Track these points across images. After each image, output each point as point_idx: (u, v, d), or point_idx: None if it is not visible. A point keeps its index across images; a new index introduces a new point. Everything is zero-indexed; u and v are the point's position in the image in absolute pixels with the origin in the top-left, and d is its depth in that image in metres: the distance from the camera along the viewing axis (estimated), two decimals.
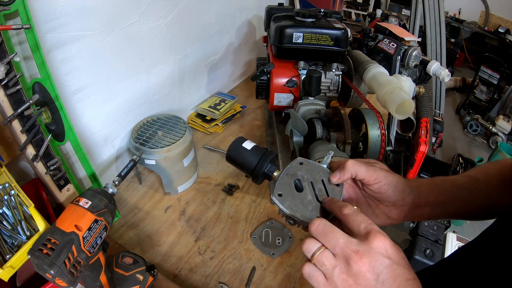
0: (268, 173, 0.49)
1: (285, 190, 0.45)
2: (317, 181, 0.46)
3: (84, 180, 0.95)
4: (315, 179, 0.46)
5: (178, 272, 0.83)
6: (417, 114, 1.18)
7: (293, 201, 0.44)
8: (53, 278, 0.51)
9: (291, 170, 0.47)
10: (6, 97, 0.65)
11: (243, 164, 0.51)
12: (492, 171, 0.52)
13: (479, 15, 3.40)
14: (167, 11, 1.07)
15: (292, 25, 1.03)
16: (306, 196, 0.44)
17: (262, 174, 0.50)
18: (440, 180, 0.51)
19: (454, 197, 0.50)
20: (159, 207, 1.01)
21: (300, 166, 0.47)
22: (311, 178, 0.46)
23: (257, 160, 0.50)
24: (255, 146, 0.52)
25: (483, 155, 1.87)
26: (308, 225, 0.42)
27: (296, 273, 0.83)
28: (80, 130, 0.91)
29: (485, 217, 0.51)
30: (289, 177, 0.46)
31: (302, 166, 0.47)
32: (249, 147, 0.51)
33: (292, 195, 0.44)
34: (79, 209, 0.57)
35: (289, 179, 0.46)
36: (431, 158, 1.38)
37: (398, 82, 0.83)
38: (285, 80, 1.09)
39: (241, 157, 0.51)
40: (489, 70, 2.23)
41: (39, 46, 0.69)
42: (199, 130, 1.34)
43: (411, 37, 1.02)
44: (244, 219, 0.97)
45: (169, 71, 1.19)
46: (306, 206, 0.43)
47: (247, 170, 0.51)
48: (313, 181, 0.46)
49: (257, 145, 0.52)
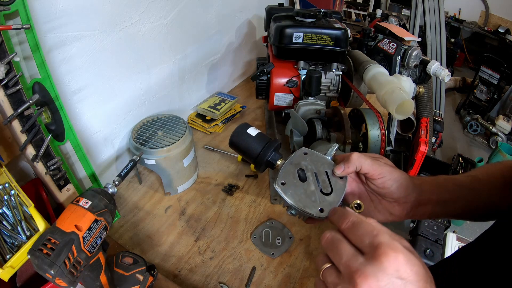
0: (271, 161, 0.48)
1: (288, 179, 0.44)
2: (321, 172, 0.45)
3: (84, 180, 0.95)
4: (319, 170, 0.45)
5: (178, 272, 0.83)
6: (417, 114, 1.18)
7: (296, 190, 0.43)
8: (53, 278, 0.51)
9: (295, 159, 0.46)
10: (6, 97, 0.65)
11: (247, 150, 0.50)
12: (494, 172, 0.51)
13: (479, 15, 3.40)
14: (167, 11, 1.07)
15: (292, 25, 1.03)
16: (309, 187, 0.44)
17: (265, 162, 0.49)
18: (442, 179, 0.51)
19: (456, 196, 0.49)
20: (159, 207, 1.01)
21: (304, 156, 0.47)
22: (315, 169, 0.45)
23: (261, 147, 0.49)
24: (260, 133, 0.51)
25: (483, 155, 1.87)
26: (308, 216, 0.42)
27: (296, 273, 0.83)
28: (80, 130, 0.91)
29: (486, 218, 0.51)
30: (293, 166, 0.45)
31: (307, 156, 0.47)
32: (254, 133, 0.50)
33: (295, 185, 0.44)
34: (79, 209, 0.57)
35: (293, 168, 0.45)
36: (431, 158, 1.38)
37: (398, 82, 0.83)
38: (285, 80, 1.09)
39: (245, 142, 0.50)
40: (489, 70, 2.23)
41: (39, 46, 0.69)
42: (199, 130, 1.34)
43: (411, 37, 1.02)
44: (244, 219, 0.97)
45: (169, 71, 1.19)
46: (309, 196, 0.43)
47: (250, 156, 0.50)
48: (317, 172, 0.45)
49: (262, 132, 0.51)
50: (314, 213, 0.41)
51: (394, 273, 0.29)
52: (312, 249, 0.89)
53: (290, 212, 0.43)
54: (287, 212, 0.43)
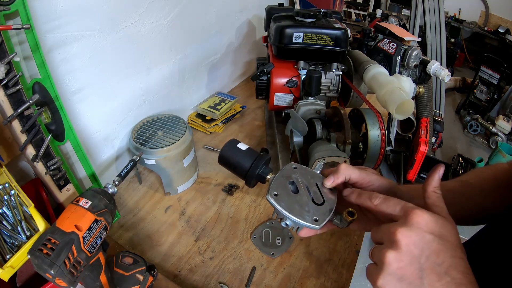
0: (262, 174, 0.49)
1: (280, 190, 0.45)
2: (311, 184, 0.46)
3: (84, 180, 0.95)
4: (310, 182, 0.46)
5: (178, 272, 0.83)
6: (417, 114, 1.18)
7: (289, 201, 0.44)
8: (53, 278, 0.51)
9: (286, 172, 0.47)
10: (6, 97, 0.65)
11: (237, 165, 0.50)
12: (486, 176, 0.51)
13: (479, 15, 3.40)
14: (167, 11, 1.07)
15: (292, 25, 1.03)
16: (301, 198, 0.44)
17: (256, 176, 0.49)
18: None
19: (445, 201, 0.49)
20: (159, 207, 1.01)
21: (294, 170, 0.48)
22: (305, 181, 0.46)
23: (252, 161, 0.49)
24: (250, 148, 0.51)
25: (483, 155, 1.86)
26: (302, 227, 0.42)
27: (296, 273, 0.83)
28: (80, 130, 0.91)
29: (478, 222, 0.51)
30: (284, 179, 0.46)
31: (296, 170, 0.48)
32: (244, 148, 0.51)
33: (288, 196, 0.44)
34: (79, 209, 0.57)
35: (284, 180, 0.46)
36: (431, 158, 1.38)
37: (398, 82, 0.83)
38: (285, 80, 1.09)
39: (235, 157, 0.50)
40: (489, 70, 2.22)
41: (39, 46, 0.69)
42: (199, 130, 1.34)
43: (411, 37, 1.02)
44: (244, 219, 0.97)
45: (169, 71, 1.19)
46: (302, 207, 0.43)
47: (240, 171, 0.50)
48: (308, 184, 0.46)
49: (251, 148, 0.52)
50: (309, 222, 0.42)
51: (424, 228, 0.33)
52: (312, 249, 0.89)
53: (284, 223, 0.43)
54: (280, 223, 0.44)
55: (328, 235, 0.92)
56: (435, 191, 0.37)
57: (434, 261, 0.32)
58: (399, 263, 0.33)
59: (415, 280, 0.32)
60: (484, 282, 0.38)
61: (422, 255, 0.32)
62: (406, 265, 0.32)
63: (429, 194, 0.37)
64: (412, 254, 0.32)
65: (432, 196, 0.37)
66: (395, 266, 0.33)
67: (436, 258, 0.32)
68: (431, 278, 0.32)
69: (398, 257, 0.33)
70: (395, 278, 0.33)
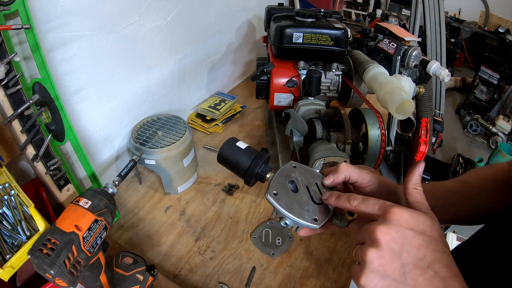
0: (261, 173, 0.49)
1: (279, 189, 0.44)
2: (311, 183, 0.45)
3: (84, 180, 0.95)
4: (309, 181, 0.46)
5: (178, 272, 0.83)
6: (417, 114, 1.18)
7: (288, 200, 0.43)
8: (53, 278, 0.51)
9: (285, 171, 0.47)
10: (6, 97, 0.65)
11: (236, 163, 0.49)
12: (485, 176, 0.51)
13: (479, 15, 3.40)
14: (167, 11, 1.07)
15: (292, 25, 1.03)
16: (301, 197, 0.44)
17: (255, 175, 0.49)
18: (429, 186, 0.51)
19: (445, 202, 0.49)
20: (159, 207, 1.01)
21: (293, 169, 0.47)
22: (305, 180, 0.46)
23: (251, 160, 0.49)
24: (249, 147, 0.51)
25: (483, 155, 1.87)
26: (302, 227, 0.42)
27: (296, 273, 0.83)
28: (80, 130, 0.91)
29: (477, 222, 0.51)
30: (284, 178, 0.46)
31: (296, 169, 0.47)
32: (243, 146, 0.51)
33: (287, 195, 0.44)
34: (79, 209, 0.57)
35: (284, 179, 0.46)
36: (431, 158, 1.38)
37: (398, 82, 0.83)
38: (285, 80, 1.09)
39: (234, 156, 0.50)
40: (489, 70, 2.23)
41: (39, 46, 0.69)
42: (199, 130, 1.34)
43: (411, 37, 1.02)
44: (244, 219, 0.97)
45: (169, 71, 1.19)
46: (302, 206, 0.43)
47: (239, 170, 0.49)
48: (307, 183, 0.45)
49: (250, 146, 0.51)
50: (309, 222, 0.42)
51: (403, 224, 0.33)
52: (312, 249, 0.89)
53: (284, 222, 0.43)
54: (280, 223, 0.43)
55: (328, 235, 0.92)
56: (415, 188, 0.37)
57: (416, 256, 0.32)
58: (380, 260, 0.33)
59: (398, 277, 0.33)
60: (483, 282, 0.38)
61: (403, 251, 0.33)
62: (388, 262, 0.33)
63: (410, 191, 0.37)
64: (392, 250, 0.33)
65: (413, 193, 0.37)
66: (377, 264, 0.33)
67: (418, 253, 0.32)
68: (414, 273, 0.32)
69: (379, 254, 0.33)
70: (377, 275, 0.33)
